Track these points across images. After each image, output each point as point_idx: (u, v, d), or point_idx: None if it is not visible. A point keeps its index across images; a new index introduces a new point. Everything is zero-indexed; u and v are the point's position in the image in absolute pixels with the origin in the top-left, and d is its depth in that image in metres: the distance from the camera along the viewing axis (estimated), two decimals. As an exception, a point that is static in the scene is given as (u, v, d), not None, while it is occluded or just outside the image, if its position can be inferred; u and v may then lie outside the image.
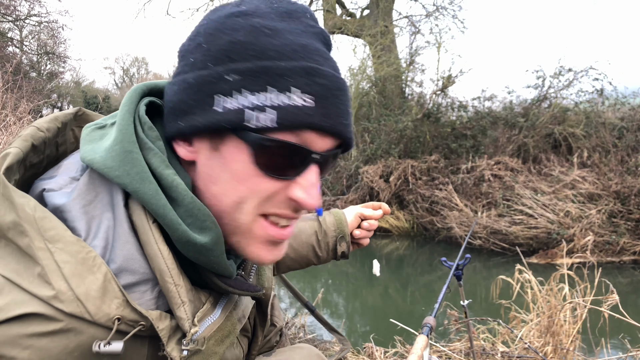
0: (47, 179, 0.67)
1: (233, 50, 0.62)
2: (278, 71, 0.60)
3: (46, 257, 0.56)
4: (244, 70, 0.61)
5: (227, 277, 0.71)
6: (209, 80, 0.62)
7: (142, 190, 0.62)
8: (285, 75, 0.60)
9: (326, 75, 0.63)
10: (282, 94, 0.60)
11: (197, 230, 0.64)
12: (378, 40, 11.99)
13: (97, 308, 0.56)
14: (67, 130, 0.76)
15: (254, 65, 0.61)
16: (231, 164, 0.64)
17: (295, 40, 0.63)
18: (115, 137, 0.65)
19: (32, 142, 0.67)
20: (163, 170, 0.64)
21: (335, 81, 0.64)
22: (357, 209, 1.31)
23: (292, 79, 0.60)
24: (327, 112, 0.62)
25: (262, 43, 0.62)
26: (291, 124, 0.60)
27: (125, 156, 0.63)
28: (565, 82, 10.27)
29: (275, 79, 0.60)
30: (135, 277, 0.61)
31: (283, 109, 0.60)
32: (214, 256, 0.66)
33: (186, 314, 0.63)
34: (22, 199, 0.58)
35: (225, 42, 0.63)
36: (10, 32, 16.82)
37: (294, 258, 1.24)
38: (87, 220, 0.61)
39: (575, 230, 7.36)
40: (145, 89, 0.73)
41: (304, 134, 0.62)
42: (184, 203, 0.64)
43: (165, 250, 0.62)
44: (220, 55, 0.63)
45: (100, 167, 0.63)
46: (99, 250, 0.60)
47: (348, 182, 10.60)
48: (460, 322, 2.77)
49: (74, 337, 0.55)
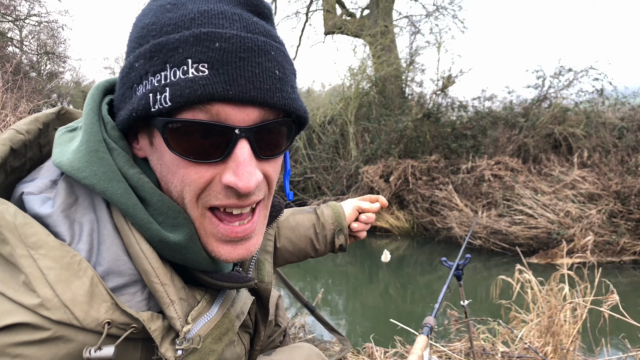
0: (27, 181, 0.65)
1: (140, 36, 0.60)
2: (171, 45, 0.56)
3: (29, 264, 0.54)
4: (144, 53, 0.58)
5: (215, 272, 0.69)
6: (125, 71, 0.61)
7: (111, 190, 0.59)
8: (178, 48, 0.55)
9: (227, 38, 0.55)
10: (177, 68, 0.55)
11: (169, 228, 0.62)
12: (378, 40, 11.98)
13: (85, 313, 0.54)
14: (50, 130, 0.73)
15: (150, 45, 0.57)
16: (163, 156, 0.61)
17: (196, 8, 0.58)
18: (81, 138, 0.62)
19: (11, 145, 0.64)
20: (128, 170, 0.62)
21: (240, 42, 0.56)
22: (354, 202, 1.30)
23: (185, 51, 0.55)
24: (230, 78, 0.54)
25: (162, 20, 0.58)
26: (185, 99, 0.54)
27: (92, 156, 0.60)
28: (565, 82, 10.27)
29: (169, 55, 0.56)
30: (123, 279, 0.60)
31: (175, 85, 0.55)
32: (190, 253, 0.63)
33: (177, 312, 0.61)
34: (1, 205, 0.56)
35: (138, 29, 0.61)
36: (10, 32, 16.81)
37: (292, 251, 1.23)
38: (69, 224, 0.59)
39: (576, 230, 7.35)
40: (107, 85, 0.70)
41: (214, 108, 0.55)
42: (152, 201, 0.61)
43: (148, 250, 0.60)
44: (133, 44, 0.61)
45: (67, 169, 0.60)
46: (83, 253, 0.58)
47: (348, 182, 10.59)
48: (460, 322, 2.76)
49: (63, 344, 0.54)
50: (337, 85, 14.87)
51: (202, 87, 0.54)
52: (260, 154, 0.61)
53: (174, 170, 0.60)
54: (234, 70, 0.55)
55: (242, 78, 0.55)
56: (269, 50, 0.58)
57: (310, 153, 11.94)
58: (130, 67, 0.59)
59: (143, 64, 0.58)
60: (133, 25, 0.64)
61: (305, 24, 14.89)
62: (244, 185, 0.57)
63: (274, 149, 0.63)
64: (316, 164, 11.64)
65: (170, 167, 0.60)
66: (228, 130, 0.56)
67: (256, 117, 0.58)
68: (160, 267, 0.61)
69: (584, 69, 10.10)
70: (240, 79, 0.55)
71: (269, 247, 0.95)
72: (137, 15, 0.65)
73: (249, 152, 0.58)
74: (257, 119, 0.58)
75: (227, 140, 0.57)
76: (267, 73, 0.57)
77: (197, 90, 0.54)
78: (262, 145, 0.60)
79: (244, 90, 0.55)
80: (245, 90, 0.55)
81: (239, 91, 0.55)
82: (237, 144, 0.57)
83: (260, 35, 0.59)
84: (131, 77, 0.59)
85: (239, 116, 0.56)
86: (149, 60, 0.57)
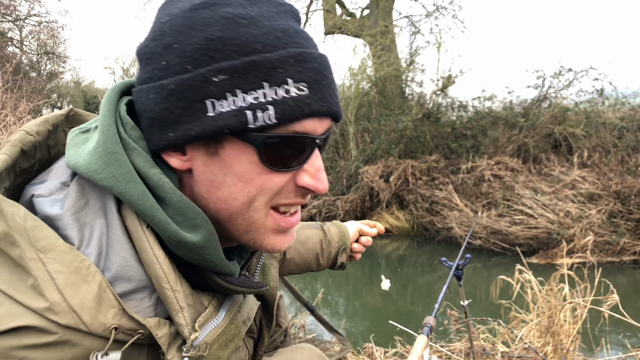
0: (37, 183, 0.65)
1: (213, 48, 0.58)
2: (268, 64, 0.58)
3: (38, 267, 0.54)
4: (231, 69, 0.57)
5: (228, 275, 0.69)
6: (194, 84, 0.58)
7: (128, 192, 0.59)
8: (276, 68, 0.58)
9: (314, 58, 0.62)
10: (278, 87, 0.58)
11: (188, 229, 0.62)
12: (378, 40, 11.99)
13: (92, 318, 0.54)
14: (59, 132, 0.73)
15: (242, 62, 0.57)
16: (234, 166, 0.62)
17: (274, 25, 0.60)
18: (97, 139, 0.62)
19: (21, 147, 0.65)
20: (148, 170, 0.61)
21: (323, 62, 0.63)
22: (357, 224, 1.38)
23: (283, 70, 0.58)
24: (322, 95, 0.61)
25: (242, 35, 0.58)
26: (291, 117, 0.59)
27: (109, 158, 0.60)
28: (565, 82, 10.28)
29: (267, 73, 0.58)
30: (131, 284, 0.59)
31: (280, 103, 0.58)
32: (208, 254, 0.64)
33: (185, 320, 0.61)
34: (12, 208, 0.56)
35: (201, 39, 0.58)
36: (10, 32, 16.82)
37: (299, 263, 1.28)
38: (79, 227, 0.59)
39: (576, 230, 7.36)
40: (123, 87, 0.70)
41: (306, 122, 0.61)
42: (172, 202, 0.61)
43: (161, 255, 0.60)
44: (198, 56, 0.58)
45: (84, 171, 0.60)
46: (92, 258, 0.58)
47: (348, 182, 10.59)
48: (460, 322, 2.77)
49: (69, 349, 0.54)
50: (337, 85, 14.87)
51: (306, 105, 0.60)
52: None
53: (249, 179, 0.63)
54: (325, 88, 0.62)
55: (330, 95, 0.63)
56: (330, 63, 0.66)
57: (310, 153, 11.93)
58: (204, 81, 0.58)
59: (229, 79, 0.58)
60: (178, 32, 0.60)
61: (305, 24, 14.90)
62: (324, 187, 0.65)
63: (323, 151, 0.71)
64: (316, 164, 11.62)
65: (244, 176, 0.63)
66: (312, 141, 0.63)
67: (329, 125, 0.66)
68: (171, 272, 0.61)
69: (584, 69, 10.11)
70: (329, 96, 0.62)
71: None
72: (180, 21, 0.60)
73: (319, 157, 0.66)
74: (329, 127, 0.66)
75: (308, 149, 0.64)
76: (335, 87, 0.66)
77: (304, 109, 0.59)
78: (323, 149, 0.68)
79: (331, 104, 0.63)
80: (331, 104, 0.63)
81: (328, 106, 0.62)
82: (314, 151, 0.64)
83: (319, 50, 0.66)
84: (206, 91, 0.58)
85: (320, 127, 0.64)
86: (239, 77, 0.58)
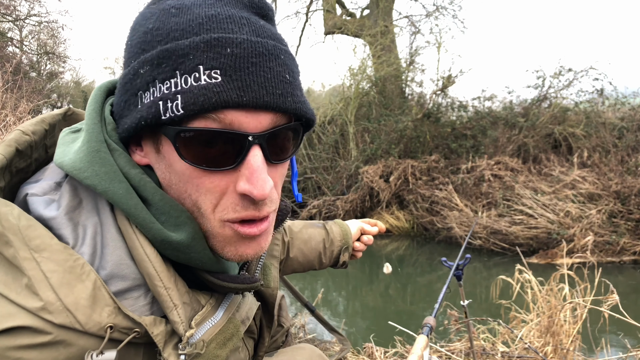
0: (32, 182, 0.65)
1: (145, 41, 0.58)
2: (179, 51, 0.55)
3: (32, 267, 0.53)
4: (151, 59, 0.56)
5: (221, 273, 0.68)
6: (129, 77, 0.59)
7: (112, 190, 0.59)
8: (187, 54, 0.54)
9: (238, 43, 0.55)
10: (189, 75, 0.54)
11: (172, 227, 0.61)
12: (378, 40, 11.98)
13: (87, 317, 0.54)
14: (57, 131, 0.73)
15: (158, 51, 0.56)
16: (173, 165, 0.60)
17: (202, 12, 0.57)
18: (83, 138, 0.62)
19: (17, 146, 0.64)
20: (130, 170, 0.61)
21: (251, 47, 0.55)
22: (359, 223, 1.38)
23: (193, 57, 0.54)
24: (243, 84, 0.54)
25: (168, 25, 0.57)
26: (196, 107, 0.53)
27: (93, 156, 0.60)
28: (565, 82, 10.27)
29: (177, 61, 0.55)
30: (126, 283, 0.59)
31: (187, 93, 0.54)
32: (194, 252, 0.62)
33: (180, 317, 0.60)
34: (5, 207, 0.56)
35: (140, 33, 0.59)
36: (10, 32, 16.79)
37: (302, 262, 1.28)
38: (72, 227, 0.59)
39: (576, 230, 7.35)
40: (110, 86, 0.70)
41: (227, 115, 0.55)
42: (154, 201, 0.61)
43: (152, 253, 0.60)
44: (136, 50, 0.59)
45: (69, 170, 0.60)
46: (86, 257, 0.57)
47: (348, 182, 10.59)
48: (460, 322, 2.77)
49: (64, 349, 0.53)
50: (337, 85, 14.87)
51: (216, 94, 0.53)
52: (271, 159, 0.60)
53: (186, 180, 0.59)
54: (247, 76, 0.54)
55: (255, 84, 0.55)
56: (279, 54, 0.58)
57: (310, 153, 11.94)
58: (135, 74, 0.58)
59: (150, 70, 0.56)
60: (132, 29, 0.63)
61: (305, 24, 14.90)
62: (259, 193, 0.57)
63: (283, 153, 0.63)
64: (316, 164, 11.63)
65: (182, 175, 0.60)
66: (241, 137, 0.56)
67: (268, 122, 0.58)
68: (164, 270, 0.60)
69: (584, 69, 10.09)
70: (254, 85, 0.54)
71: (275, 252, 0.93)
72: (136, 19, 0.63)
73: (261, 159, 0.58)
74: (269, 124, 0.58)
75: (240, 147, 0.57)
76: (278, 78, 0.57)
77: (211, 98, 0.53)
78: (272, 150, 0.60)
79: (258, 96, 0.55)
80: (258, 96, 0.55)
81: (253, 97, 0.54)
82: (249, 150, 0.57)
83: (269, 39, 0.58)
84: (136, 83, 0.58)
85: (252, 123, 0.56)
86: (156, 67, 0.56)
